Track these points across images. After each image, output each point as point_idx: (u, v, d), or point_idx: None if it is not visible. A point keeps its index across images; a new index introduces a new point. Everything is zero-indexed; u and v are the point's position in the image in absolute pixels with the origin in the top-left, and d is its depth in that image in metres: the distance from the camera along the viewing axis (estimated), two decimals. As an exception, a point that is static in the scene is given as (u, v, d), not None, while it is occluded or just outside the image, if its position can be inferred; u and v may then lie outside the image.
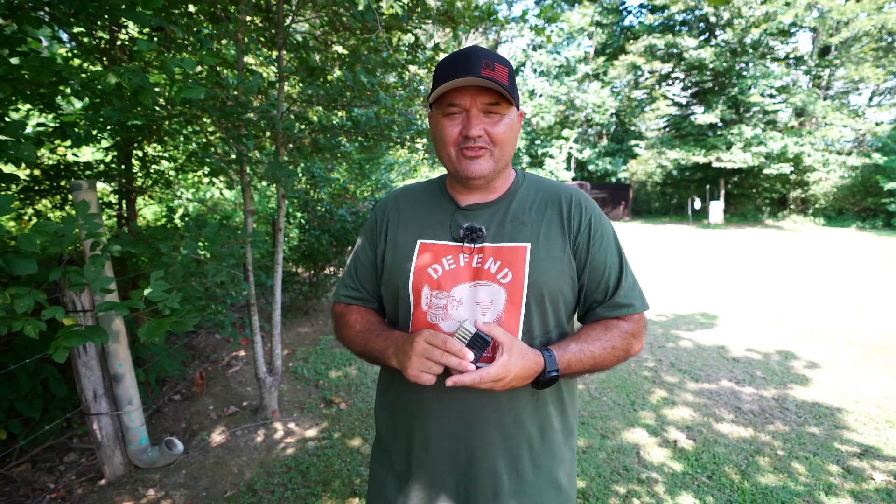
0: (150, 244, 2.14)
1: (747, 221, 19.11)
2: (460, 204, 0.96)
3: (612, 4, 25.27)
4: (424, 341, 0.80)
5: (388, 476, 0.99)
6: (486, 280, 0.89)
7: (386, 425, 1.02)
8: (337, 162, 3.76)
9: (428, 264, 0.92)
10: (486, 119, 0.87)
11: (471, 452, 0.91)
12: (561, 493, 0.96)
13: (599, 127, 26.42)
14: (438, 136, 0.90)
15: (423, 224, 0.96)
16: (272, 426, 2.81)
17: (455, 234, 0.93)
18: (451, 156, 0.89)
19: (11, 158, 1.57)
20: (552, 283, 0.90)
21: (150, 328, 1.33)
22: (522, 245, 0.90)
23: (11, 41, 1.75)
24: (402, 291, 0.93)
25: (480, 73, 0.82)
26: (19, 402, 2.35)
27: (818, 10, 17.08)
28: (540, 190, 0.98)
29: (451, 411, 0.91)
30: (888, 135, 16.59)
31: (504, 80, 0.84)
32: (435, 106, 0.90)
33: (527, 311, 0.89)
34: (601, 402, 3.14)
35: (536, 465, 0.93)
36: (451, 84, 0.83)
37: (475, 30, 2.75)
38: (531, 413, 0.92)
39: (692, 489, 2.22)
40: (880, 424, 2.77)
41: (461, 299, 0.89)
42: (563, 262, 0.91)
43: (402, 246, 0.96)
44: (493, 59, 0.85)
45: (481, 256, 0.90)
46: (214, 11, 2.57)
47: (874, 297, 5.84)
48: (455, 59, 0.85)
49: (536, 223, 0.93)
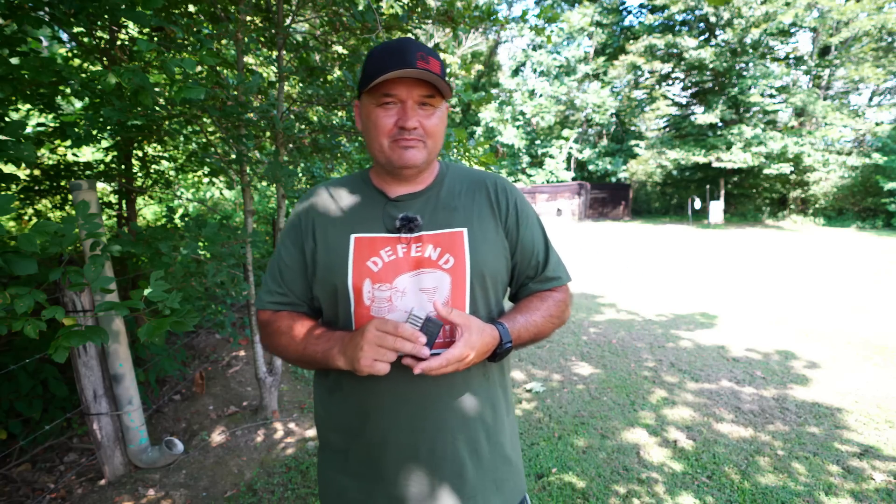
0: (150, 244, 2.14)
1: (747, 221, 19.11)
2: (390, 195, 0.96)
3: (612, 4, 25.27)
4: (376, 329, 0.79)
5: (347, 479, 0.96)
6: (429, 267, 0.90)
7: (336, 431, 0.98)
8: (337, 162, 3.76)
9: (366, 258, 0.90)
10: (421, 111, 0.87)
11: (432, 442, 0.91)
12: (512, 465, 1.00)
13: (599, 127, 26.43)
14: (371, 125, 0.89)
15: (355, 218, 0.95)
16: (272, 426, 2.81)
17: (389, 225, 0.92)
18: (383, 146, 0.89)
19: (11, 158, 1.58)
20: (492, 265, 0.94)
21: (150, 328, 1.33)
22: (459, 230, 0.92)
23: (11, 41, 1.75)
24: (340, 289, 0.91)
25: (417, 65, 0.82)
26: (19, 402, 2.35)
27: (818, 10, 17.08)
28: (465, 177, 1.01)
29: (407, 403, 0.90)
30: (888, 135, 16.59)
31: (438, 72, 0.85)
32: (366, 95, 0.89)
33: (472, 294, 0.91)
34: (601, 402, 3.14)
35: (491, 442, 0.96)
36: (391, 75, 0.82)
37: (475, 30, 2.75)
38: (483, 392, 0.95)
39: (692, 489, 2.22)
40: (880, 424, 2.77)
41: (405, 289, 0.89)
42: (497, 243, 0.95)
43: (334, 243, 0.93)
44: (427, 53, 0.85)
45: (419, 245, 0.91)
46: (214, 11, 2.57)
47: (874, 297, 5.84)
48: (391, 50, 0.85)
49: (468, 208, 0.95)
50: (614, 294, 6.41)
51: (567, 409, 3.06)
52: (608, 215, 23.69)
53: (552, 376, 3.59)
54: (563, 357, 4.00)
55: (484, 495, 0.94)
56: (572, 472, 2.37)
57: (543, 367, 3.78)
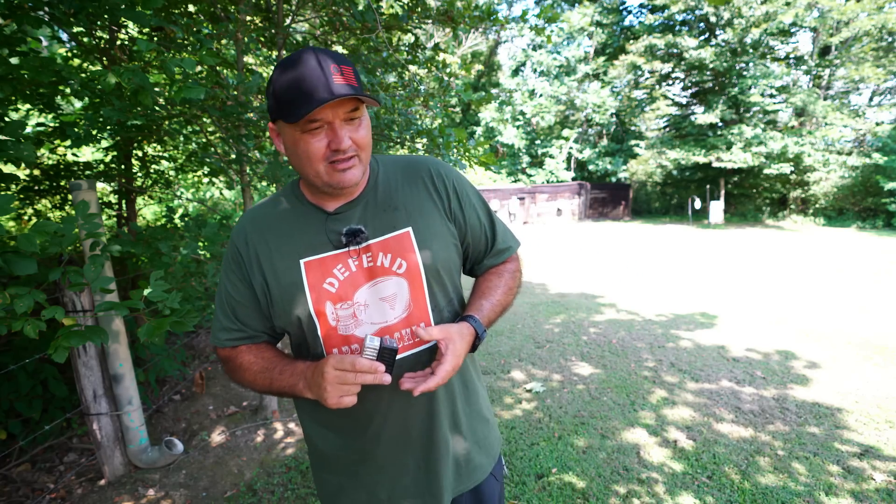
0: (150, 244, 2.14)
1: (747, 221, 19.10)
2: (328, 210, 0.92)
3: (612, 4, 25.26)
4: (334, 369, 0.78)
5: (342, 479, 0.99)
6: (384, 276, 0.90)
7: (327, 437, 0.99)
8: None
9: (322, 280, 0.89)
10: (349, 127, 0.83)
11: (420, 430, 0.95)
12: (489, 424, 1.08)
13: (599, 127, 26.42)
14: (302, 154, 0.83)
15: (298, 242, 0.91)
16: (272, 426, 2.81)
17: (335, 241, 0.90)
18: (320, 172, 0.84)
19: (11, 158, 1.57)
20: (443, 257, 0.94)
21: (150, 328, 1.33)
22: (404, 231, 0.92)
23: (11, 41, 1.75)
24: (304, 317, 0.89)
25: (335, 82, 0.78)
26: (19, 402, 2.35)
27: (818, 9, 17.07)
28: (397, 170, 0.98)
29: (394, 405, 0.93)
30: (888, 135, 16.58)
31: (354, 81, 0.81)
32: (285, 123, 0.82)
33: (430, 291, 0.93)
34: (601, 402, 3.14)
35: (469, 409, 1.03)
36: (321, 108, 0.78)
37: (475, 30, 2.75)
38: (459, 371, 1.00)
39: (692, 489, 2.22)
40: (880, 424, 2.77)
41: (365, 302, 0.90)
42: (444, 234, 0.95)
43: (284, 272, 0.90)
44: (340, 62, 0.80)
45: (370, 255, 0.90)
46: (214, 11, 2.57)
47: (874, 297, 5.84)
48: (303, 73, 0.78)
49: (408, 204, 0.94)
50: (614, 294, 6.41)
51: (567, 409, 3.05)
52: (608, 215, 23.69)
53: (552, 376, 3.59)
54: (563, 357, 4.00)
55: (467, 457, 1.01)
56: (572, 472, 2.37)
57: (543, 367, 3.78)
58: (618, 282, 7.28)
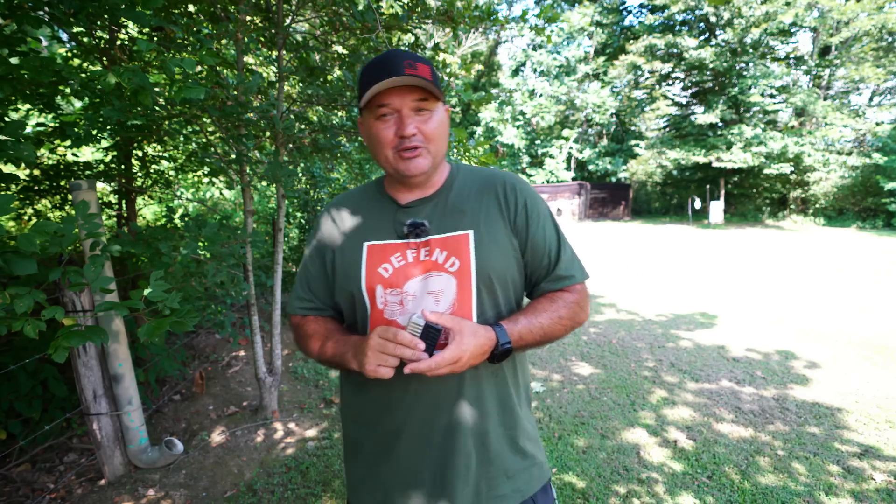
0: (150, 244, 2.14)
1: (747, 221, 19.10)
2: (400, 202, 0.99)
3: (612, 4, 25.26)
4: (378, 337, 0.84)
5: (363, 471, 1.02)
6: (436, 271, 0.93)
7: (356, 425, 1.04)
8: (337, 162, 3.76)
9: (377, 264, 0.95)
10: (418, 117, 0.90)
11: (442, 437, 0.94)
12: (526, 458, 1.00)
13: (599, 127, 26.43)
14: (374, 139, 0.92)
15: (367, 227, 0.99)
16: (272, 426, 2.81)
17: (399, 231, 0.96)
18: (388, 158, 0.92)
19: (11, 158, 1.57)
20: (498, 266, 0.94)
21: (149, 328, 1.33)
22: (465, 232, 0.94)
23: (11, 41, 1.75)
24: (356, 295, 0.96)
25: (404, 72, 0.85)
26: (19, 402, 2.35)
27: (818, 9, 17.07)
28: (475, 179, 1.02)
29: (419, 401, 0.94)
30: (888, 135, 16.58)
31: (428, 76, 0.87)
32: (366, 111, 0.92)
33: (478, 295, 0.93)
34: (601, 402, 3.14)
35: (500, 435, 0.98)
36: (379, 86, 0.85)
37: (475, 30, 2.75)
38: (492, 390, 0.97)
39: (692, 489, 2.22)
40: (880, 424, 2.77)
41: (414, 293, 0.93)
42: (505, 244, 0.96)
43: (349, 251, 0.98)
44: (415, 59, 0.88)
45: (428, 249, 0.94)
46: (214, 11, 2.57)
47: (874, 297, 5.84)
48: (378, 63, 0.88)
49: (476, 210, 0.97)
50: (614, 294, 6.41)
51: (567, 409, 3.05)
52: (608, 215, 23.69)
53: (552, 376, 3.59)
54: (563, 357, 4.00)
55: (489, 483, 0.96)
56: (572, 472, 2.37)
57: (543, 367, 3.78)
58: (618, 282, 7.28)
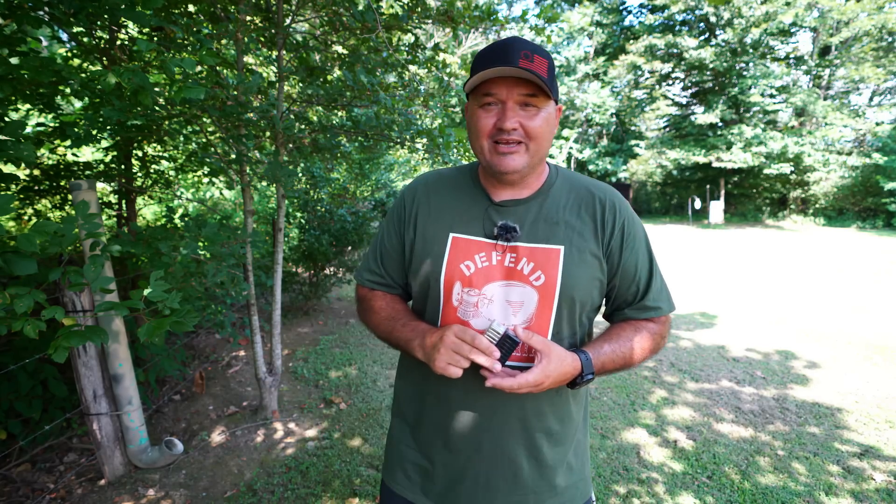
0: (150, 244, 2.14)
1: (747, 221, 19.10)
2: (493, 198, 0.94)
3: (612, 4, 25.26)
4: (454, 335, 0.81)
5: (412, 451, 1.02)
6: (519, 281, 0.89)
7: (410, 404, 1.03)
8: (337, 162, 3.76)
9: (460, 260, 0.91)
10: (523, 112, 0.84)
11: (493, 443, 0.93)
12: (573, 473, 0.99)
13: (599, 127, 26.42)
14: (473, 127, 0.88)
15: (455, 217, 0.94)
16: (272, 426, 2.81)
17: (488, 230, 0.91)
18: (484, 148, 0.87)
19: (11, 158, 1.57)
20: (583, 288, 0.90)
21: (149, 328, 1.33)
22: (556, 248, 0.90)
23: (11, 41, 1.75)
24: (432, 285, 0.92)
25: (518, 63, 0.79)
26: (19, 402, 2.35)
27: (818, 9, 17.07)
28: (574, 189, 0.96)
29: (476, 403, 0.92)
30: (888, 135, 16.59)
31: (543, 72, 0.81)
32: (471, 96, 0.88)
33: (557, 315, 0.89)
34: (601, 402, 3.14)
35: (554, 451, 0.96)
36: (487, 74, 0.81)
37: (475, 30, 2.75)
38: (552, 407, 0.95)
39: (692, 489, 2.22)
40: (880, 424, 2.77)
41: (492, 298, 0.89)
42: (594, 265, 0.91)
43: (432, 238, 0.94)
44: (533, 51, 0.82)
45: (514, 256, 0.90)
46: (214, 11, 2.57)
47: (874, 297, 5.84)
48: (494, 49, 0.83)
49: (570, 225, 0.91)
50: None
51: (567, 409, 3.05)
52: (608, 215, 23.70)
53: (552, 376, 3.59)
54: (563, 357, 4.00)
55: (537, 498, 0.95)
56: (572, 472, 2.37)
57: (543, 367, 3.77)
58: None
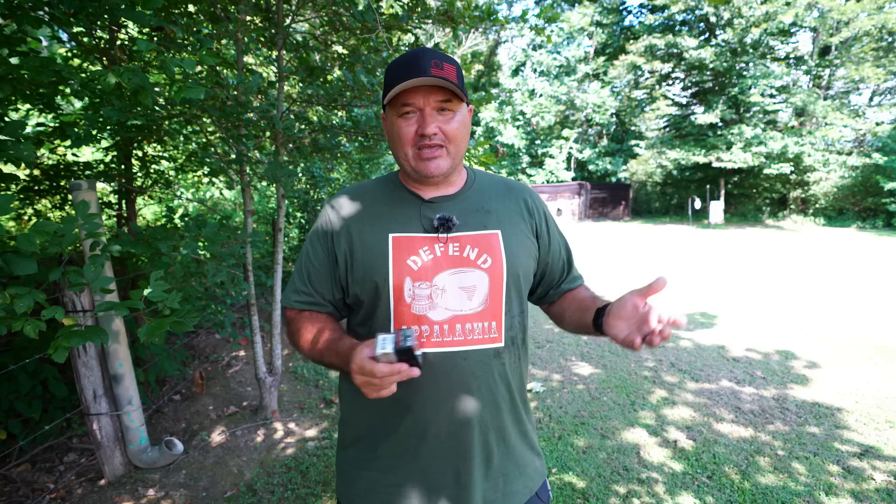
0: (150, 244, 2.14)
1: (747, 221, 19.10)
2: (424, 197, 0.99)
3: (612, 4, 25.26)
4: (360, 376, 0.76)
5: (376, 475, 0.97)
6: (468, 266, 0.94)
7: (368, 425, 0.99)
8: (337, 162, 3.76)
9: (405, 257, 0.93)
10: (440, 117, 0.90)
11: (467, 434, 0.94)
12: (534, 451, 1.07)
13: (599, 127, 26.42)
14: (395, 136, 0.92)
15: (391, 218, 0.97)
16: (272, 426, 2.81)
17: (427, 225, 0.95)
18: (408, 156, 0.92)
19: (11, 158, 1.57)
20: (524, 265, 0.99)
21: (150, 328, 1.33)
22: (494, 232, 0.97)
23: (11, 41, 1.75)
24: (381, 286, 0.93)
25: (430, 72, 0.85)
26: (19, 402, 2.35)
27: (818, 9, 17.07)
28: (493, 183, 1.06)
29: (447, 397, 0.92)
30: (888, 135, 16.58)
31: (453, 78, 0.88)
32: (389, 108, 0.92)
33: (507, 292, 0.96)
34: (601, 402, 3.14)
35: (517, 430, 1.02)
36: (405, 85, 0.86)
37: (475, 30, 2.75)
38: (503, 384, 0.98)
39: (692, 489, 2.22)
40: (880, 424, 2.77)
41: (444, 287, 0.92)
42: (529, 245, 1.01)
43: (372, 242, 0.95)
44: (442, 59, 0.88)
45: (457, 245, 0.94)
46: (214, 11, 2.57)
47: (874, 297, 5.84)
48: (406, 61, 0.88)
49: (499, 212, 1.00)
50: (614, 294, 6.35)
51: (567, 409, 3.05)
52: (608, 215, 23.69)
53: (552, 376, 3.59)
54: (563, 357, 4.00)
55: (506, 478, 0.99)
56: (572, 472, 2.37)
57: (543, 367, 3.78)
58: (617, 281, 7.27)
